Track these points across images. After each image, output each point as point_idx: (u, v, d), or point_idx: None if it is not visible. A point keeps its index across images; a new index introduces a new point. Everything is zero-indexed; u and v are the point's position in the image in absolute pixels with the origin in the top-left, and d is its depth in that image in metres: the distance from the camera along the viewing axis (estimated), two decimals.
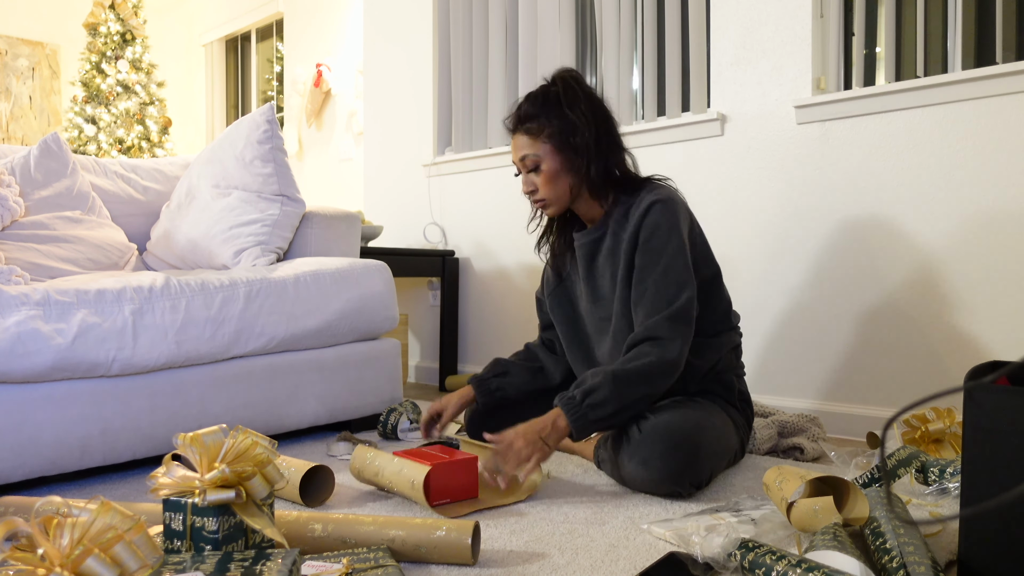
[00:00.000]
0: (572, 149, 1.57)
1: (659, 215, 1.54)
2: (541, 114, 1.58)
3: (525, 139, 1.59)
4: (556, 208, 1.63)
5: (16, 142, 5.11)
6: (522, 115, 1.60)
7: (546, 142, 1.58)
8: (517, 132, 1.61)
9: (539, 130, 1.58)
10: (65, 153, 2.24)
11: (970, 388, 0.90)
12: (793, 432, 1.86)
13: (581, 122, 1.56)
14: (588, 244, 1.67)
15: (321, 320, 1.97)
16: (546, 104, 1.58)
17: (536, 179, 1.60)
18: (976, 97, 1.87)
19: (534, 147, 1.58)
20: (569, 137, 1.56)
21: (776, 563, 0.94)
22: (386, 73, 3.48)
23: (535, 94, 1.61)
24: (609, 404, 1.45)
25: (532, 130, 1.58)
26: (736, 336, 1.70)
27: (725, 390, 1.65)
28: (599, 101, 1.62)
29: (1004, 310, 1.84)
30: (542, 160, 1.58)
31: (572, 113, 1.56)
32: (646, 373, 1.47)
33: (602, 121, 1.61)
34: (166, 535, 0.99)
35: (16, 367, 1.45)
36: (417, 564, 1.12)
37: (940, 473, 1.37)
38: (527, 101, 1.61)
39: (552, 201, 1.62)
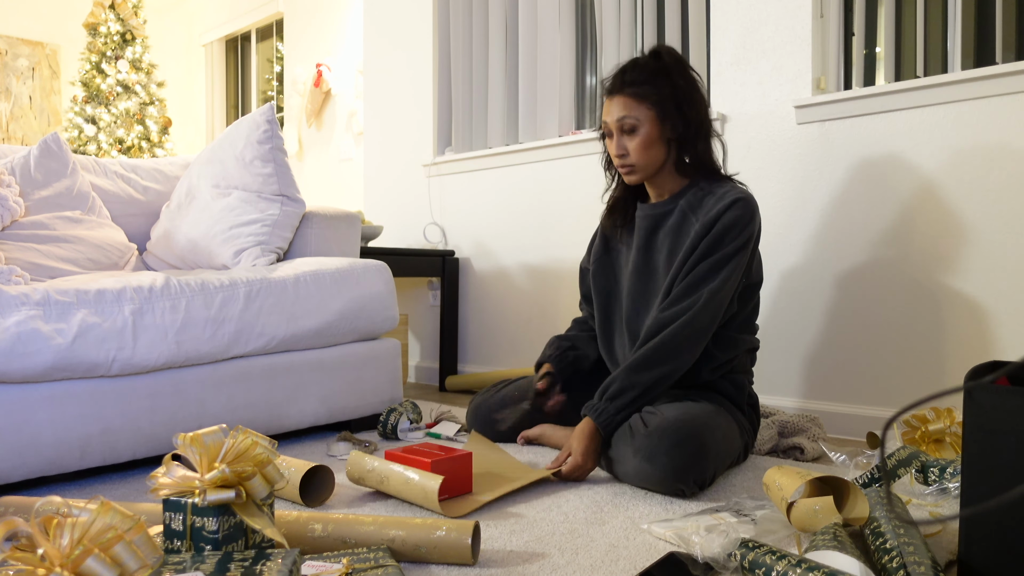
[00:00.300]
0: (673, 121, 1.58)
1: (741, 212, 1.57)
2: (650, 80, 1.58)
3: (629, 101, 1.59)
4: (641, 175, 1.65)
5: (16, 142, 5.11)
6: (628, 78, 1.60)
7: (651, 108, 1.58)
8: (619, 94, 1.60)
9: (645, 95, 1.58)
10: (65, 153, 2.24)
11: (970, 388, 0.90)
12: (793, 432, 1.86)
13: (687, 98, 1.58)
14: (653, 217, 1.68)
15: (321, 320, 1.97)
16: (657, 72, 1.58)
17: (629, 143, 1.61)
18: (976, 97, 1.87)
19: (637, 110, 1.58)
20: (675, 109, 1.58)
21: (776, 563, 0.94)
22: (386, 73, 3.48)
23: (644, 61, 1.62)
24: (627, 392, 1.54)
25: (638, 93, 1.58)
26: (755, 341, 1.73)
27: (736, 391, 1.67)
28: (701, 85, 1.65)
29: (1004, 310, 1.84)
30: (641, 124, 1.59)
31: (682, 87, 1.58)
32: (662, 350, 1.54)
33: (701, 103, 1.63)
34: (166, 535, 0.99)
35: (16, 367, 1.45)
36: (417, 564, 1.12)
37: (940, 473, 1.37)
38: (635, 66, 1.61)
39: (640, 167, 1.63)
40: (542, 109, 2.85)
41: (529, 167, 2.88)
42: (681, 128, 1.59)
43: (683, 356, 1.56)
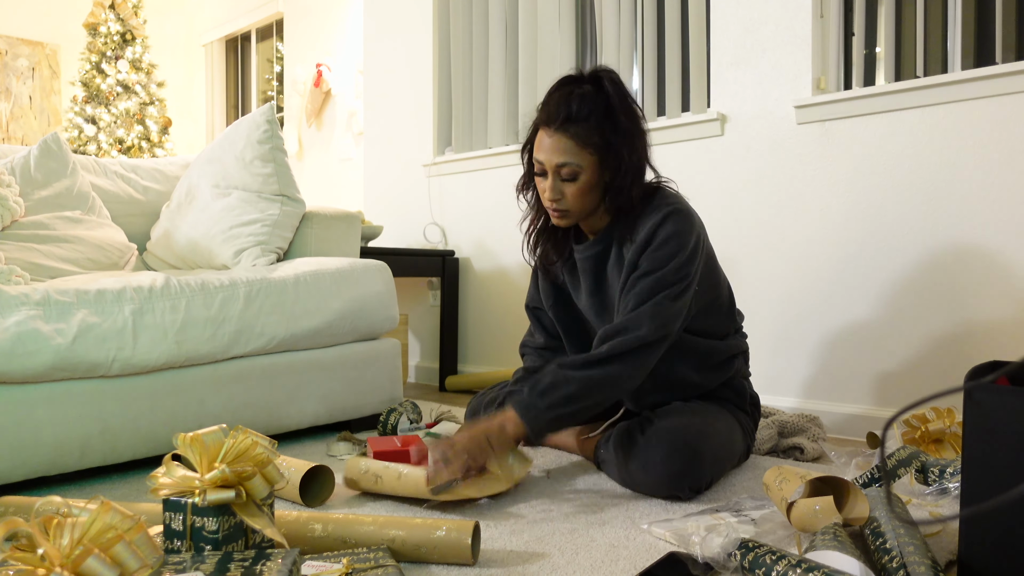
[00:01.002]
0: (613, 167, 1.43)
1: (674, 225, 1.44)
2: (592, 119, 1.41)
3: (569, 144, 1.41)
4: (574, 220, 1.52)
5: (16, 142, 5.11)
6: (570, 115, 1.41)
7: (593, 153, 1.42)
8: (561, 133, 1.42)
9: (587, 138, 1.41)
10: (65, 153, 2.24)
11: (970, 388, 0.90)
12: (793, 432, 1.86)
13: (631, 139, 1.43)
14: (593, 257, 1.57)
15: (321, 320, 1.97)
16: (597, 109, 1.41)
17: (566, 188, 1.45)
18: (976, 97, 1.87)
19: (578, 156, 1.42)
20: (616, 154, 1.42)
21: (776, 563, 0.94)
22: (386, 73, 3.48)
23: (585, 95, 1.42)
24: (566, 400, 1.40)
25: (580, 135, 1.41)
26: (743, 339, 1.70)
27: (737, 395, 1.65)
28: (640, 116, 1.49)
29: (1004, 310, 1.84)
30: (582, 172, 1.43)
31: (622, 123, 1.42)
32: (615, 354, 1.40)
33: (641, 138, 1.47)
34: (166, 535, 0.99)
35: (16, 367, 1.45)
36: (417, 564, 1.12)
37: (940, 473, 1.37)
38: (577, 100, 1.41)
39: (575, 213, 1.49)
40: None
41: None
42: (620, 172, 1.44)
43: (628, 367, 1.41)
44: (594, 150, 1.42)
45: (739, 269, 2.29)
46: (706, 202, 2.36)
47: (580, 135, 1.41)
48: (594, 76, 1.46)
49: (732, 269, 2.29)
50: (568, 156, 1.42)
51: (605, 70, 1.48)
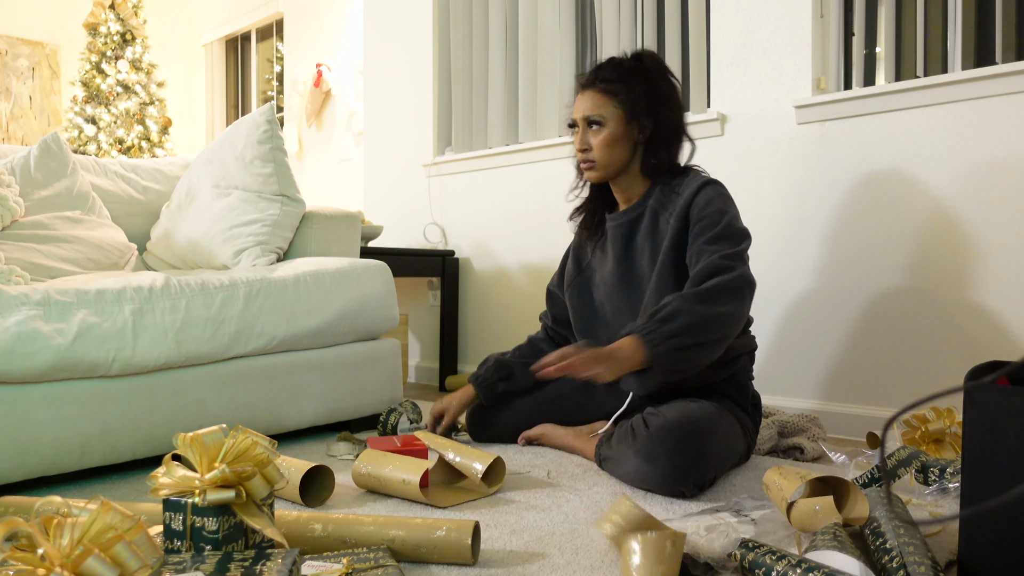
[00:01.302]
0: (642, 123, 1.56)
1: (713, 192, 1.54)
2: (624, 79, 1.55)
3: (598, 97, 1.56)
4: (602, 174, 1.61)
5: (16, 142, 5.11)
6: (602, 74, 1.57)
7: (619, 107, 1.56)
8: (590, 88, 1.57)
9: (615, 92, 1.55)
10: (65, 153, 2.24)
11: (970, 388, 0.90)
12: (793, 432, 1.86)
13: (660, 102, 1.55)
14: (625, 224, 1.65)
15: (321, 320, 1.97)
16: (632, 73, 1.56)
17: (593, 138, 1.58)
18: (976, 97, 1.87)
19: (604, 108, 1.56)
20: (645, 111, 1.55)
21: (776, 563, 0.94)
22: (386, 73, 3.48)
23: (621, 60, 1.59)
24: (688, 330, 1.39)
25: (608, 90, 1.55)
26: (752, 340, 1.72)
27: (739, 392, 1.66)
28: (679, 91, 1.62)
29: (1004, 310, 1.84)
30: (607, 121, 1.56)
31: (656, 90, 1.55)
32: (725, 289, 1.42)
33: (676, 109, 1.60)
34: (166, 535, 0.99)
35: (16, 367, 1.45)
36: (417, 564, 1.12)
37: (940, 473, 1.37)
38: (611, 64, 1.58)
39: (601, 165, 1.60)
40: (542, 109, 2.85)
41: (529, 167, 2.88)
42: (649, 131, 1.57)
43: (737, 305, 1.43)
44: (619, 103, 1.55)
45: None
46: None
47: (607, 89, 1.55)
48: (635, 53, 1.62)
49: None
50: (594, 108, 1.56)
51: (647, 52, 1.61)
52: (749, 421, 1.67)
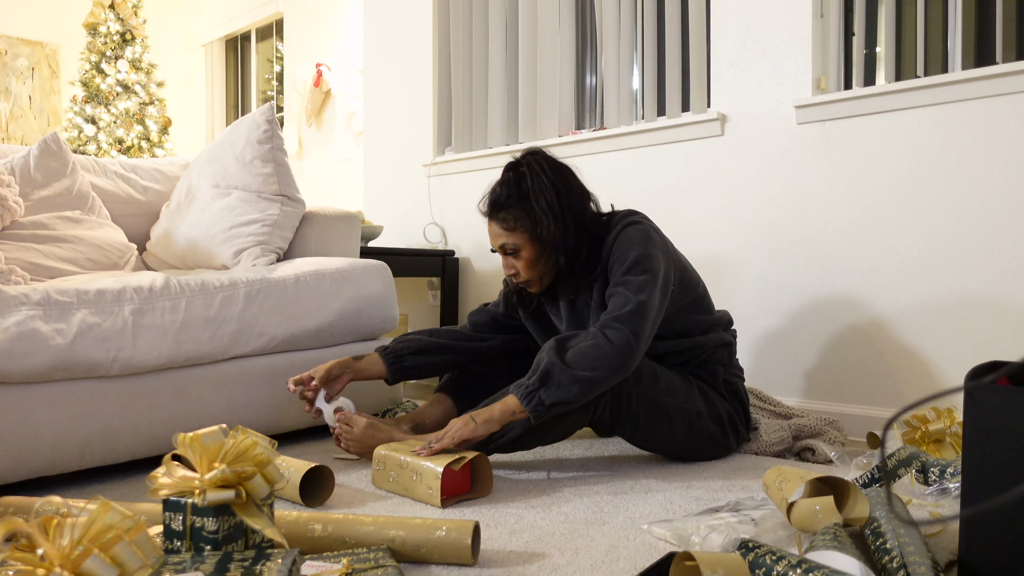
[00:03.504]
0: (550, 234, 1.61)
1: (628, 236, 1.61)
2: (511, 204, 1.62)
3: (499, 228, 1.64)
4: (541, 286, 1.69)
5: (16, 142, 5.11)
6: (495, 203, 1.64)
7: (524, 232, 1.62)
8: (491, 219, 1.66)
9: (512, 220, 1.62)
10: (65, 153, 2.24)
11: (970, 388, 0.90)
12: (809, 436, 1.86)
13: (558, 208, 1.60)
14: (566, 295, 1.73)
15: (321, 320, 1.97)
16: (513, 195, 1.62)
17: (516, 263, 1.65)
18: (976, 97, 1.87)
19: (511, 236, 1.63)
20: (547, 224, 1.60)
21: (776, 563, 0.94)
22: (386, 73, 3.48)
23: (506, 181, 1.64)
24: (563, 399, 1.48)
25: (505, 220, 1.63)
26: (726, 335, 1.78)
27: (709, 375, 1.73)
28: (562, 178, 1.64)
29: (1004, 310, 1.84)
30: (521, 248, 1.63)
31: (539, 204, 1.60)
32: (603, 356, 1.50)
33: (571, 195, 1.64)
34: (166, 535, 0.99)
35: (16, 367, 1.44)
36: (417, 564, 1.12)
37: (940, 473, 1.37)
38: (500, 187, 1.64)
39: (535, 281, 1.68)
40: (542, 109, 2.85)
41: None
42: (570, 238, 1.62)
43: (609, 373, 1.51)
44: (523, 229, 1.62)
45: (739, 269, 2.29)
46: (706, 202, 2.36)
47: (506, 219, 1.63)
48: (510, 165, 1.68)
49: (731, 269, 2.29)
50: (503, 238, 1.64)
51: (531, 153, 1.68)
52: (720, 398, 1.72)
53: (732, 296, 2.29)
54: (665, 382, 1.63)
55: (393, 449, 1.51)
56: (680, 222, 2.40)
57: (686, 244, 2.40)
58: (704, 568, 0.86)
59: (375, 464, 1.52)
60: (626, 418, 1.62)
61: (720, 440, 1.71)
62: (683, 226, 2.40)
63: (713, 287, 2.33)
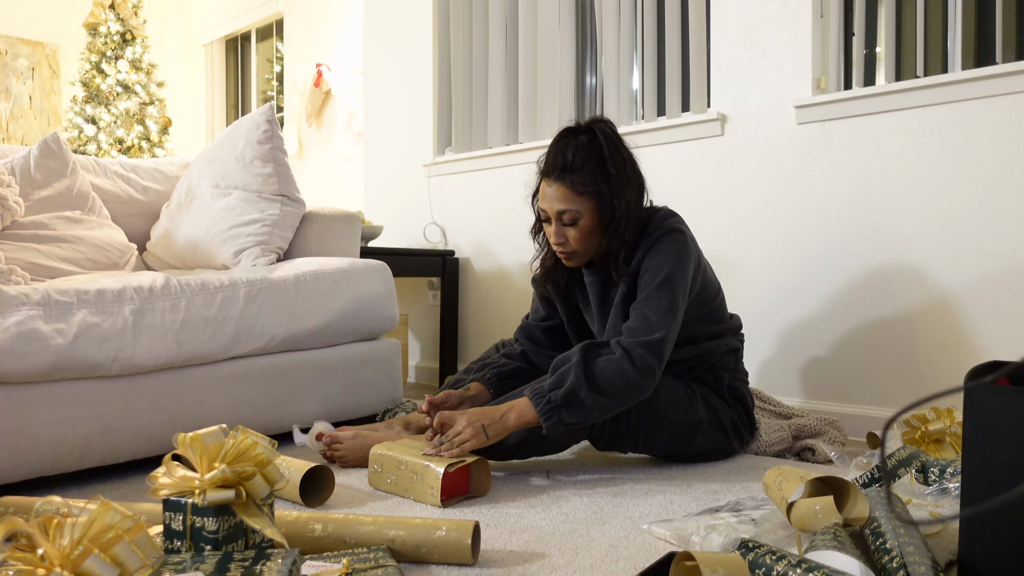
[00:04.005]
0: (612, 210, 1.53)
1: (665, 244, 1.55)
2: (586, 168, 1.52)
3: (566, 192, 1.53)
4: (581, 260, 1.62)
5: (16, 142, 5.11)
6: (566, 164, 1.52)
7: (590, 199, 1.53)
8: (558, 182, 1.53)
9: (584, 186, 1.52)
10: (65, 153, 2.24)
11: (970, 388, 0.90)
12: (809, 436, 1.87)
13: (625, 185, 1.53)
14: (599, 283, 1.66)
15: (321, 320, 1.97)
16: (590, 159, 1.52)
17: (569, 232, 1.56)
18: (976, 97, 1.87)
19: (575, 202, 1.53)
20: (613, 198, 1.52)
21: (776, 563, 0.94)
22: (386, 73, 3.48)
23: (580, 145, 1.54)
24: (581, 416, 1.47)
25: (576, 183, 1.52)
26: (734, 341, 1.75)
27: (714, 380, 1.70)
28: (632, 155, 1.59)
29: (1004, 310, 1.84)
30: (582, 216, 1.54)
31: (617, 174, 1.52)
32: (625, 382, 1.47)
33: (636, 178, 1.58)
34: (166, 535, 0.99)
35: (16, 367, 1.44)
36: (417, 564, 1.12)
37: (940, 473, 1.37)
38: (571, 150, 1.53)
39: (582, 254, 1.60)
40: (542, 109, 2.85)
41: (529, 167, 2.87)
42: (623, 215, 1.54)
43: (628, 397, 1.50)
44: (590, 196, 1.53)
45: (739, 269, 2.29)
46: (706, 202, 2.36)
47: (576, 183, 1.52)
48: (589, 127, 1.57)
49: (731, 269, 2.29)
50: (567, 203, 1.53)
51: (601, 121, 1.58)
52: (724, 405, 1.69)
53: (732, 296, 2.29)
54: (665, 396, 1.60)
55: (389, 448, 1.51)
56: None
57: None
58: (704, 568, 0.86)
59: (372, 465, 1.52)
60: (625, 434, 1.60)
61: (723, 446, 1.70)
62: None
63: None
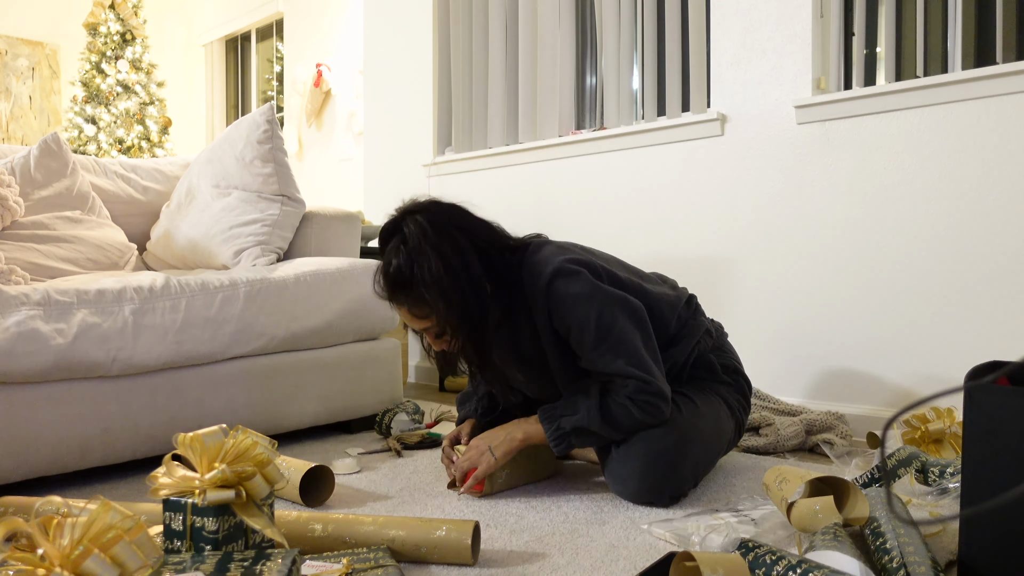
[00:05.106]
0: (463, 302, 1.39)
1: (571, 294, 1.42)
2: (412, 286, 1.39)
3: (409, 315, 1.43)
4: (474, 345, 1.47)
5: (16, 142, 5.11)
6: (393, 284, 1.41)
7: (435, 314, 1.40)
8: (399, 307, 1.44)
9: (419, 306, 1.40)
10: (65, 153, 2.24)
11: (970, 388, 0.90)
12: (821, 430, 1.90)
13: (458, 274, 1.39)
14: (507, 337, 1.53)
15: (321, 320, 1.97)
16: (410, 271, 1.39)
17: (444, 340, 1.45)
18: (976, 97, 1.87)
19: (425, 320, 1.42)
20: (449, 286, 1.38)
21: (776, 563, 0.94)
22: (386, 73, 3.48)
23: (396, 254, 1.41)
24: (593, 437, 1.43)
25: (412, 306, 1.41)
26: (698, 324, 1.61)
27: (709, 371, 1.59)
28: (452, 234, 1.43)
29: (1004, 310, 1.84)
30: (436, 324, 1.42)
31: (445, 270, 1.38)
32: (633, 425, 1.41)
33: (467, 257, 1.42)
34: (166, 535, 0.99)
35: (16, 367, 1.45)
36: (417, 564, 1.12)
37: (940, 473, 1.37)
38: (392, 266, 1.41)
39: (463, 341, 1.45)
40: (542, 109, 2.85)
41: (529, 167, 2.88)
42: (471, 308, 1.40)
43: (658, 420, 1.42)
44: (434, 312, 1.40)
45: (738, 269, 2.29)
46: (706, 202, 2.36)
47: (412, 306, 1.41)
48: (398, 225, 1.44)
49: (731, 269, 2.29)
50: (419, 323, 1.43)
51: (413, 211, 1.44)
52: (732, 392, 1.59)
53: (732, 296, 2.29)
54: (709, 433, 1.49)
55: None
56: (680, 222, 2.40)
57: (685, 244, 2.40)
58: (704, 568, 0.86)
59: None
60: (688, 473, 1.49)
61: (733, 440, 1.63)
62: (683, 226, 2.40)
63: (713, 287, 2.33)
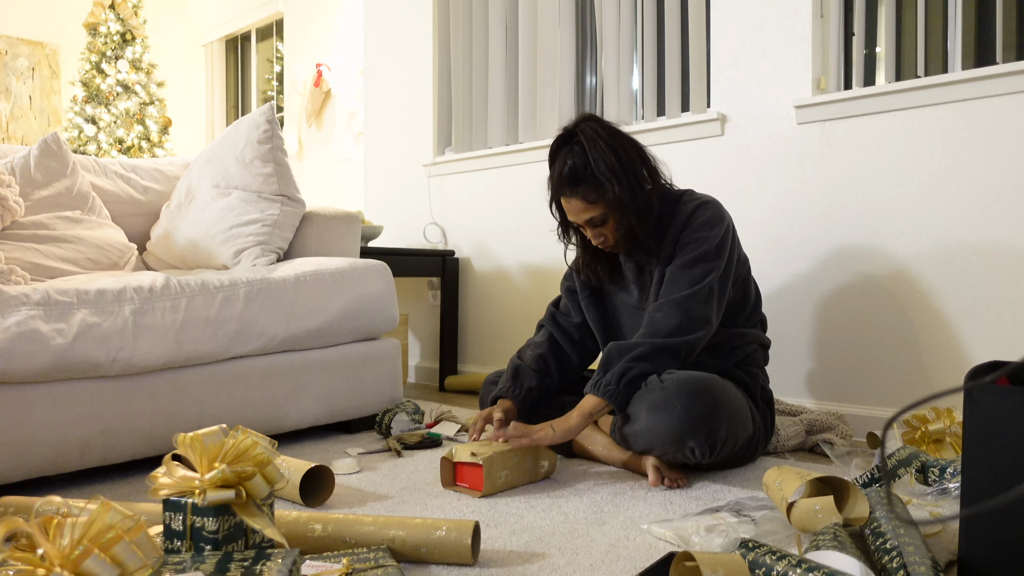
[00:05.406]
0: (632, 197, 1.62)
1: (707, 213, 1.65)
2: (587, 175, 1.60)
3: (581, 204, 1.63)
4: (625, 245, 1.70)
5: (16, 142, 5.11)
6: (570, 178, 1.61)
7: (606, 202, 1.62)
8: (571, 196, 1.64)
9: (594, 192, 1.61)
10: (65, 153, 2.24)
11: (970, 388, 0.90)
12: (821, 429, 1.90)
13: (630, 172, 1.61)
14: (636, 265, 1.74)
15: (321, 320, 1.97)
16: (589, 165, 1.60)
17: (605, 230, 1.66)
18: (976, 97, 1.87)
19: (594, 209, 1.62)
20: (626, 189, 1.60)
21: (776, 563, 0.94)
22: (386, 73, 3.48)
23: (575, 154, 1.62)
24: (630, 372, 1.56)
25: (587, 193, 1.61)
26: (764, 337, 1.78)
27: (750, 380, 1.72)
28: (629, 139, 1.66)
29: (1003, 310, 1.84)
30: (607, 215, 1.63)
31: (620, 165, 1.60)
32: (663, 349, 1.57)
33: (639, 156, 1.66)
34: (166, 535, 0.99)
35: (16, 367, 1.45)
36: (417, 564, 1.12)
37: (940, 473, 1.37)
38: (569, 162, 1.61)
39: (624, 242, 1.68)
40: (542, 109, 2.85)
41: (529, 167, 2.88)
42: (638, 196, 1.63)
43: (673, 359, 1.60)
44: (605, 200, 1.61)
45: None
46: None
47: (587, 193, 1.61)
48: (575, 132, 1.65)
49: None
50: (588, 212, 1.64)
51: (587, 120, 1.65)
52: (758, 413, 1.70)
53: None
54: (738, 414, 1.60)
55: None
56: None
57: None
58: (704, 568, 0.86)
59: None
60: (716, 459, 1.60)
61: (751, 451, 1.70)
62: None
63: None
